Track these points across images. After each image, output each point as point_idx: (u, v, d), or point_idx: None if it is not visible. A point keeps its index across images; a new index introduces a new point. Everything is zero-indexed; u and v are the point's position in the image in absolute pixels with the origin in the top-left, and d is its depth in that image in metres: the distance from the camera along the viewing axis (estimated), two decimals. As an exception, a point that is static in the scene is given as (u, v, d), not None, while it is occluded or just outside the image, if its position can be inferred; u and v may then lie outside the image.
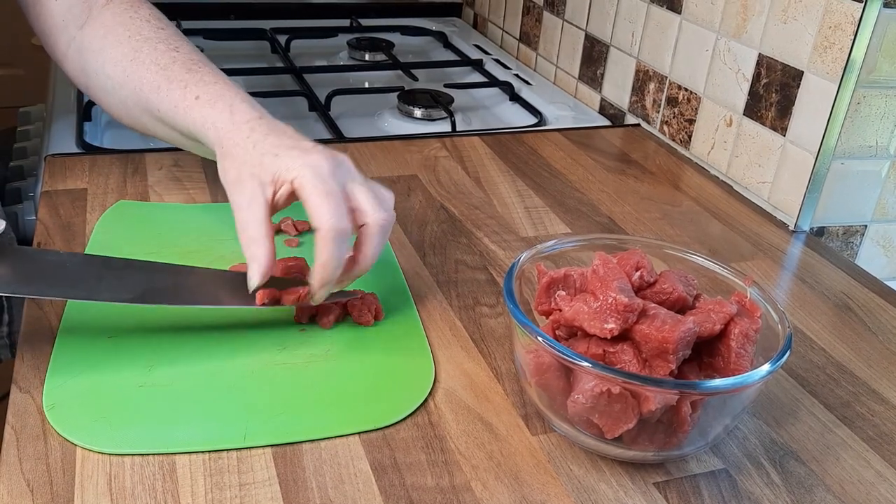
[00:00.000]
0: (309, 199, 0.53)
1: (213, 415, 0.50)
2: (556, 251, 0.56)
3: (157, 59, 0.66)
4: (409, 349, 0.57)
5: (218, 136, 0.60)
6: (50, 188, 0.75)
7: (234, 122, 0.59)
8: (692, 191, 0.86)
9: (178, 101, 0.63)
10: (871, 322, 0.65)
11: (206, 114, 0.61)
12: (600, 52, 1.08)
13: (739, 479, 0.49)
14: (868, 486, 0.49)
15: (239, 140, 0.58)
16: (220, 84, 0.63)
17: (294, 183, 0.54)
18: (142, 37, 0.68)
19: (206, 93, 0.62)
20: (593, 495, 0.46)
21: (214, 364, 0.54)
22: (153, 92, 0.65)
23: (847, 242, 0.81)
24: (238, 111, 0.60)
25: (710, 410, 0.47)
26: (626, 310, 0.46)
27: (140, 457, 0.46)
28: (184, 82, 0.63)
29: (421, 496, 0.45)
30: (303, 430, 0.49)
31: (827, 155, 0.75)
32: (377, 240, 0.55)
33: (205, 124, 0.61)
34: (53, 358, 0.53)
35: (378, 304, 0.59)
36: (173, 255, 0.64)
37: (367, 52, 1.26)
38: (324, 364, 0.55)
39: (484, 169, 0.86)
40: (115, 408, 0.49)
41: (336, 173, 0.55)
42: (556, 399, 0.48)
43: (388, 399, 0.52)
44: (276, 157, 0.56)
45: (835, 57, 0.72)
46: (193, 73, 0.64)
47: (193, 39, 1.24)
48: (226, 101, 0.61)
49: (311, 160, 0.55)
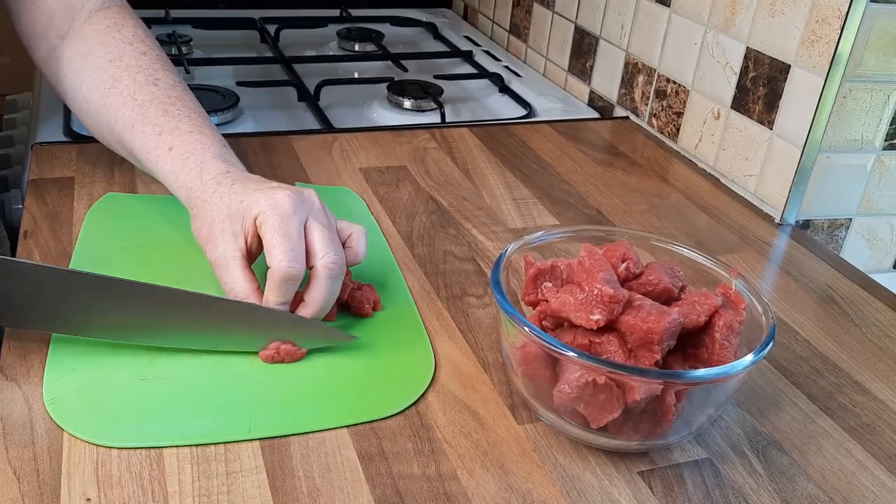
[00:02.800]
0: (265, 238, 0.53)
1: (218, 407, 0.50)
2: (543, 242, 0.57)
3: (135, 94, 0.64)
4: (409, 341, 0.57)
5: (188, 196, 0.59)
6: (37, 176, 0.74)
7: (202, 181, 0.58)
8: (680, 183, 0.86)
9: (150, 147, 0.62)
10: (855, 314, 0.66)
11: (176, 169, 0.60)
12: (590, 45, 1.08)
13: (723, 469, 0.49)
14: (849, 475, 0.50)
15: (207, 197, 0.57)
16: (195, 135, 0.62)
17: (256, 221, 0.54)
18: (122, 64, 0.66)
19: (179, 145, 0.61)
20: (578, 484, 0.47)
21: (215, 356, 0.53)
22: (127, 129, 0.64)
23: (832, 235, 0.82)
24: (207, 168, 0.59)
25: (693, 400, 0.47)
26: (612, 301, 0.46)
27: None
28: (159, 128, 0.62)
29: (407, 484, 0.46)
30: (309, 422, 0.49)
31: (813, 148, 0.76)
32: (324, 283, 0.53)
33: (176, 181, 0.60)
34: (51, 352, 0.52)
35: (376, 296, 0.60)
36: (165, 248, 0.64)
37: (356, 43, 1.26)
38: (325, 356, 0.54)
39: (473, 160, 0.86)
40: (117, 402, 0.49)
41: (298, 211, 0.54)
42: (542, 389, 0.49)
43: (392, 389, 0.52)
44: (241, 202, 0.55)
45: (821, 51, 0.73)
46: (170, 116, 0.63)
47: (182, 28, 1.24)
48: (196, 157, 0.60)
49: (274, 199, 0.54)
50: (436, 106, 1.01)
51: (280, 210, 0.53)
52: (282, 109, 1.01)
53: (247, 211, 0.54)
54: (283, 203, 0.53)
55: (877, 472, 0.50)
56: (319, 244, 0.53)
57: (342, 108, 1.03)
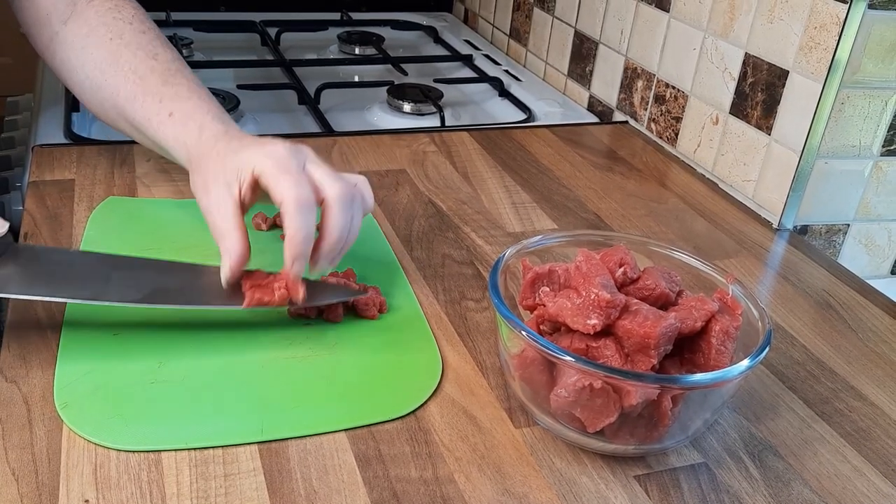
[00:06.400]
0: (269, 182, 0.54)
1: (229, 410, 0.50)
2: (541, 247, 0.57)
3: (136, 68, 0.67)
4: (415, 343, 0.57)
5: (188, 154, 0.62)
6: (37, 178, 0.75)
7: (201, 140, 0.61)
8: (678, 188, 0.86)
9: (151, 115, 0.65)
10: (852, 320, 0.66)
11: (177, 132, 0.63)
12: (589, 49, 1.09)
13: (719, 473, 0.49)
14: (845, 480, 0.50)
15: (205, 152, 0.60)
16: (194, 100, 0.65)
17: (255, 172, 0.55)
18: (123, 41, 0.68)
19: (179, 110, 0.64)
20: (574, 488, 0.47)
21: (224, 359, 0.54)
22: (129, 101, 0.66)
23: (830, 241, 0.82)
24: (206, 128, 0.62)
25: (690, 405, 0.47)
26: (609, 306, 0.47)
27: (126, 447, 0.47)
28: (159, 96, 0.65)
29: (405, 487, 0.46)
30: (318, 423, 0.49)
31: (811, 154, 0.76)
32: (338, 211, 0.55)
33: (176, 142, 0.63)
34: (60, 355, 0.53)
35: (382, 298, 0.60)
36: (169, 251, 0.64)
37: (357, 46, 1.26)
38: (332, 358, 0.55)
39: (472, 164, 0.87)
40: (129, 404, 0.49)
41: (296, 156, 0.56)
42: (539, 393, 0.49)
43: (400, 391, 0.53)
44: (237, 154, 0.57)
45: (820, 57, 0.73)
46: (169, 86, 0.66)
47: (183, 31, 1.25)
48: (196, 120, 0.63)
49: (270, 150, 0.56)
50: (435, 110, 1.01)
51: (276, 157, 0.55)
52: (282, 112, 1.02)
53: (243, 162, 0.56)
54: (280, 151, 0.56)
55: (872, 478, 0.50)
56: (324, 179, 0.56)
57: (342, 111, 1.03)
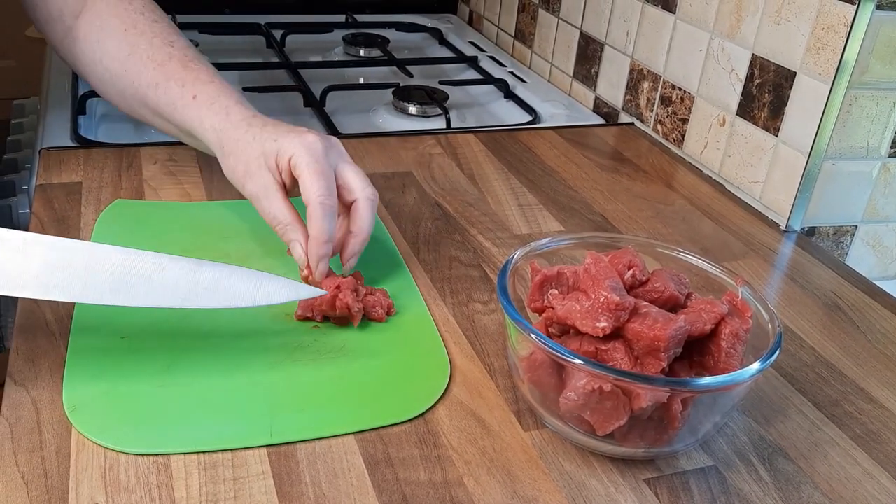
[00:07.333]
0: (302, 176, 0.58)
1: (238, 413, 0.50)
2: (549, 249, 0.57)
3: (154, 55, 0.68)
4: (423, 346, 0.57)
5: (218, 137, 0.63)
6: (44, 181, 0.75)
7: (231, 122, 0.63)
8: (685, 190, 0.86)
9: (175, 98, 0.66)
10: (861, 321, 0.66)
11: (203, 114, 0.64)
12: (595, 51, 1.09)
13: (728, 476, 0.49)
14: (855, 483, 0.50)
15: (238, 136, 0.62)
16: (216, 84, 0.66)
17: (291, 161, 0.59)
18: (137, 31, 0.69)
19: (202, 92, 0.65)
20: (584, 491, 0.47)
21: (232, 362, 0.54)
22: (151, 88, 0.67)
23: (837, 242, 0.82)
24: (233, 112, 0.64)
25: (700, 408, 0.47)
26: (618, 308, 0.46)
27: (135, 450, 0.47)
28: (181, 80, 0.66)
29: (414, 491, 0.46)
30: (327, 426, 0.49)
31: (818, 155, 0.76)
32: (368, 213, 0.60)
33: (202, 125, 0.64)
34: (69, 360, 0.53)
35: (389, 300, 0.60)
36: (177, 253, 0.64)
37: (362, 48, 1.26)
38: (340, 361, 0.55)
39: (478, 166, 0.87)
40: (138, 408, 0.49)
41: (329, 153, 0.60)
42: (548, 396, 0.49)
43: (408, 394, 0.53)
44: (275, 141, 0.60)
45: (827, 58, 0.73)
46: (189, 70, 0.67)
47: (188, 33, 1.24)
48: (221, 102, 0.64)
49: (306, 140, 0.59)
50: (441, 111, 1.01)
51: (313, 152, 0.59)
52: (288, 115, 1.02)
53: (281, 150, 0.59)
54: (316, 146, 0.59)
55: (882, 481, 0.50)
56: (356, 181, 0.60)
57: (348, 113, 1.03)
